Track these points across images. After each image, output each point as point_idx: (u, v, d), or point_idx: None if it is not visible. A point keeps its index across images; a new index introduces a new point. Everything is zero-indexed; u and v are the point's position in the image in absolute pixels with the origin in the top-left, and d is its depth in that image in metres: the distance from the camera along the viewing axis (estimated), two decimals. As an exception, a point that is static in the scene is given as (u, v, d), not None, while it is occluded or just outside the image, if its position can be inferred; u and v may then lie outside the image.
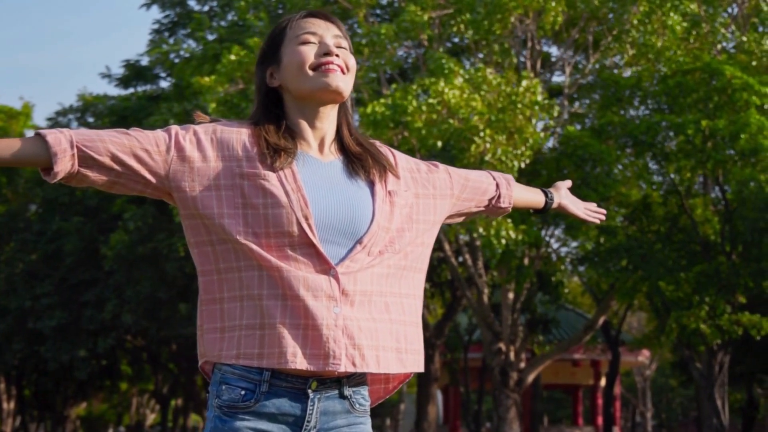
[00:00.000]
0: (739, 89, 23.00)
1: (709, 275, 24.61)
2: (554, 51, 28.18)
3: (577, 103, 27.85)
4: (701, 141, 23.40)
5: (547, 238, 25.81)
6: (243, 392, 2.81)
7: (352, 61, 3.05)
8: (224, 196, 2.84)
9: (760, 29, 25.26)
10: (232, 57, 22.67)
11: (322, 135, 3.02)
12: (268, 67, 3.08)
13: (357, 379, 2.94)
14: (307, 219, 2.81)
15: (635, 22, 23.43)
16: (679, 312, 24.51)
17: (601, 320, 28.65)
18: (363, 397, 2.96)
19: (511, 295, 25.30)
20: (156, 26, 33.31)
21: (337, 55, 2.99)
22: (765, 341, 27.62)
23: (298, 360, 2.79)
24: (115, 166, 2.84)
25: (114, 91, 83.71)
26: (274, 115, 3.02)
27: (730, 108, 23.66)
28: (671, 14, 23.41)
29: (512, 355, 24.96)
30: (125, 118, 30.52)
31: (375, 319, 2.87)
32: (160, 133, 2.91)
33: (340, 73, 2.98)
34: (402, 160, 3.15)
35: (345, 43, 3.06)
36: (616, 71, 25.79)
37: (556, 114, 22.45)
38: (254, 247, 2.80)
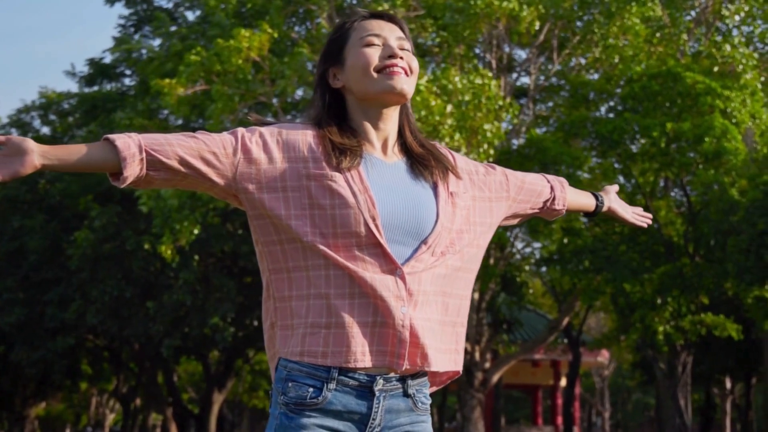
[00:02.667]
0: (703, 93, 23.22)
1: (673, 276, 24.83)
2: (520, 53, 28.31)
3: (541, 106, 27.98)
4: (666, 143, 23.60)
5: (511, 239, 25.95)
6: (311, 389, 2.85)
7: (415, 63, 3.08)
8: (291, 197, 2.88)
9: (720, 38, 25.47)
10: (193, 58, 22.58)
11: (385, 136, 3.06)
12: (331, 68, 3.11)
13: (420, 378, 2.98)
14: (374, 219, 2.86)
15: (600, 22, 23.57)
16: (642, 313, 24.71)
17: (565, 321, 28.83)
18: (425, 396, 3.01)
19: (476, 296, 25.40)
20: (122, 21, 33.15)
21: (401, 58, 3.03)
22: (723, 343, 27.91)
23: (366, 358, 2.84)
24: (183, 169, 2.87)
25: (78, 88, 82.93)
26: (337, 116, 3.06)
27: (695, 111, 23.88)
28: (634, 18, 23.59)
29: (477, 355, 25.09)
30: (92, 112, 30.36)
31: (435, 320, 2.93)
32: (226, 136, 2.95)
33: (404, 75, 3.02)
34: (461, 162, 3.20)
35: (407, 45, 3.09)
36: (580, 73, 25.94)
37: (517, 112, 22.50)
38: (322, 247, 2.84)
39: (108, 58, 32.88)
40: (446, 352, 2.97)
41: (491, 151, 20.73)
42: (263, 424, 66.71)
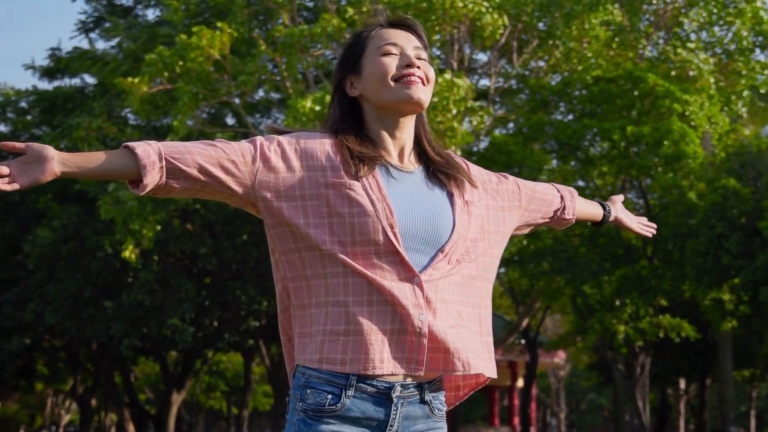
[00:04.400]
0: (662, 97, 23.40)
1: (631, 278, 25.03)
2: (480, 56, 28.40)
3: (501, 108, 28.08)
4: (625, 147, 23.77)
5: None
6: (329, 396, 2.87)
7: (431, 73, 3.10)
8: (309, 205, 2.90)
9: (678, 43, 25.69)
10: (154, 56, 22.53)
11: (402, 144, 3.08)
12: (348, 76, 3.12)
13: (437, 385, 3.01)
14: (392, 228, 2.88)
15: (561, 26, 23.69)
16: (601, 314, 24.89)
17: (525, 322, 28.97)
18: (441, 403, 3.04)
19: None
20: (83, 17, 32.98)
21: (418, 67, 3.05)
22: (679, 344, 28.14)
23: (385, 365, 2.86)
24: (202, 178, 2.89)
25: (39, 84, 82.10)
26: (354, 125, 3.08)
27: (654, 115, 24.06)
28: (593, 20, 23.74)
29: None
30: (51, 110, 30.17)
31: (454, 326, 2.94)
32: (245, 144, 2.96)
33: (421, 85, 3.04)
34: (474, 171, 3.22)
35: (424, 54, 3.10)
36: (540, 76, 26.07)
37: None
38: (340, 255, 2.87)
39: (68, 47, 32.72)
40: (472, 357, 2.98)
41: (458, 153, 20.80)
42: (220, 425, 66.49)
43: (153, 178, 2.84)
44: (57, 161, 2.76)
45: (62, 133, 27.37)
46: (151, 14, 32.82)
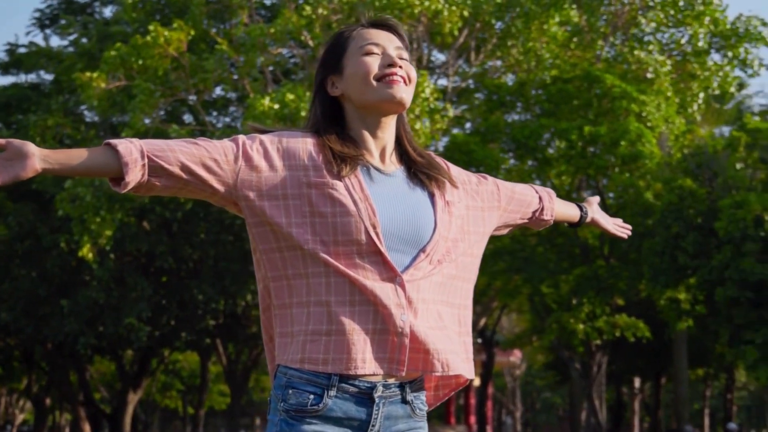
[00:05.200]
0: (619, 97, 23.56)
1: (588, 278, 25.17)
2: (438, 56, 28.46)
3: (458, 108, 28.15)
4: (583, 147, 23.91)
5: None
6: (312, 396, 2.86)
7: (413, 73, 3.09)
8: (292, 205, 2.89)
9: (635, 44, 25.87)
10: (113, 53, 22.45)
11: (383, 145, 3.08)
12: (330, 76, 3.11)
13: (418, 385, 3.01)
14: (374, 228, 2.87)
15: (519, 26, 23.78)
16: (559, 313, 25.02)
17: (482, 322, 29.06)
18: (422, 402, 3.03)
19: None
20: (37, 15, 32.77)
21: (400, 67, 3.04)
22: (635, 343, 28.33)
23: (367, 365, 2.85)
24: (184, 176, 2.87)
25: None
26: (335, 124, 3.07)
27: (611, 115, 24.22)
28: (551, 21, 23.85)
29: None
30: (6, 109, 29.95)
31: (434, 327, 2.94)
32: (227, 143, 2.95)
33: (404, 84, 3.03)
34: (455, 171, 3.23)
35: (406, 54, 3.10)
36: (497, 76, 26.17)
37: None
38: (323, 254, 2.86)
39: (25, 40, 32.50)
40: (453, 357, 2.98)
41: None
42: (175, 424, 66.21)
43: (135, 175, 2.82)
44: (38, 158, 2.73)
45: (18, 131, 27.19)
46: (108, 12, 32.58)
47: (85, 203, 22.08)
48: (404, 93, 3.04)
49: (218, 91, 27.64)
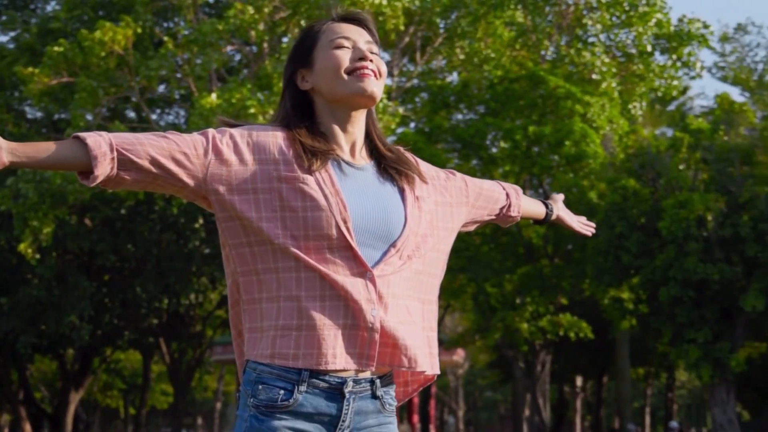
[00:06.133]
0: (564, 98, 23.68)
1: (532, 277, 25.29)
2: (383, 55, 28.46)
3: (402, 107, 28.19)
4: (527, 146, 24.02)
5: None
6: (282, 392, 2.84)
7: (384, 67, 3.08)
8: (262, 199, 2.87)
9: (581, 45, 26.03)
10: (57, 49, 22.29)
11: (353, 139, 3.06)
12: (299, 70, 3.09)
13: (387, 380, 3.00)
14: (345, 222, 2.86)
15: (464, 26, 23.84)
16: (504, 312, 25.11)
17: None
18: (392, 398, 3.02)
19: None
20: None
21: (371, 60, 3.03)
22: (578, 342, 28.53)
23: (337, 360, 2.83)
24: (154, 170, 2.84)
25: None
26: (305, 118, 3.05)
27: (556, 116, 24.35)
28: (497, 21, 23.93)
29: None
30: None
31: (403, 322, 2.93)
32: (197, 137, 2.92)
33: (374, 78, 3.02)
34: (424, 167, 3.21)
35: (376, 49, 3.09)
36: (441, 76, 26.22)
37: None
38: (293, 249, 2.84)
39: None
40: (422, 353, 2.98)
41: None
42: (116, 424, 65.74)
43: (104, 169, 2.78)
44: (6, 151, 2.68)
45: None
46: (50, 7, 32.31)
47: (27, 200, 21.89)
48: (375, 87, 3.02)
49: (161, 89, 27.48)
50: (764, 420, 46.77)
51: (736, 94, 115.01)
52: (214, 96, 20.07)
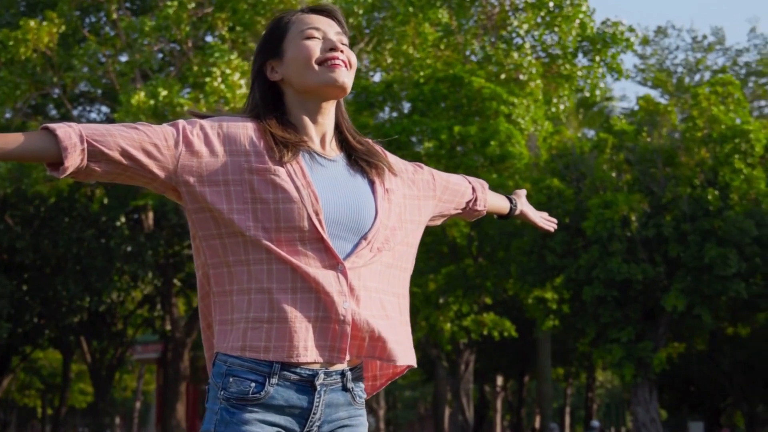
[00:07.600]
0: (489, 98, 23.81)
1: (457, 277, 25.40)
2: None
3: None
4: (452, 146, 24.11)
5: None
6: (253, 384, 2.83)
7: (354, 58, 3.09)
8: (233, 191, 2.86)
9: (505, 45, 26.19)
10: None
11: (324, 131, 3.07)
12: (269, 61, 3.09)
13: (357, 373, 3.01)
14: (317, 214, 2.86)
15: (390, 27, 23.88)
16: (428, 311, 25.19)
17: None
18: (362, 390, 3.03)
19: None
20: None
21: (341, 51, 3.04)
22: (500, 341, 28.70)
23: (309, 353, 2.83)
24: (124, 161, 2.82)
25: None
26: (275, 110, 3.04)
27: (481, 116, 24.46)
28: (425, 23, 24.00)
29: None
30: None
31: (376, 315, 2.94)
32: (167, 128, 2.90)
33: (345, 69, 3.03)
34: (392, 160, 3.23)
35: (346, 40, 3.10)
36: (369, 75, 26.23)
37: None
38: (265, 241, 2.83)
39: None
40: (395, 345, 2.98)
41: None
42: (33, 423, 64.93)
43: (74, 160, 2.76)
44: None
45: None
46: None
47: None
48: (346, 77, 3.03)
49: (82, 87, 27.18)
50: (681, 419, 47.48)
51: (657, 97, 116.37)
52: (142, 93, 19.90)
